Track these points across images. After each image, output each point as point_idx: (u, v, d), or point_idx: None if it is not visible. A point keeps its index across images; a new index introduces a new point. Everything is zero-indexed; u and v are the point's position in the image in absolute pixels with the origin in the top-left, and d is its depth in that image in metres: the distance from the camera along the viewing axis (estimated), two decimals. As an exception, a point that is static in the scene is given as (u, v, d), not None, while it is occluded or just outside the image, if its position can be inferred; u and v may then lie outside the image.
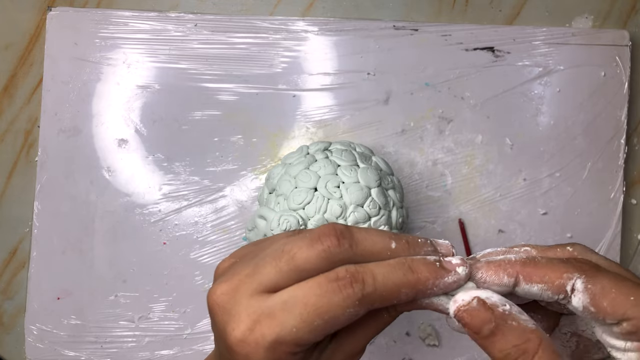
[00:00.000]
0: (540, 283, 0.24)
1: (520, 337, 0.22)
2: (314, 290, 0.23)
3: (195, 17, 0.55)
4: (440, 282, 0.24)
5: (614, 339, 0.24)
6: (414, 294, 0.24)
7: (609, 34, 0.55)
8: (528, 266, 0.24)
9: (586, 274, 0.23)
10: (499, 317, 0.22)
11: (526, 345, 0.22)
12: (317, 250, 0.24)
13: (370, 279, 0.23)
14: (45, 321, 0.53)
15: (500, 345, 0.22)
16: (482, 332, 0.22)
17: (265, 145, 0.55)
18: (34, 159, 0.55)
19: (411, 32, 0.55)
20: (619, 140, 0.55)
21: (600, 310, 0.23)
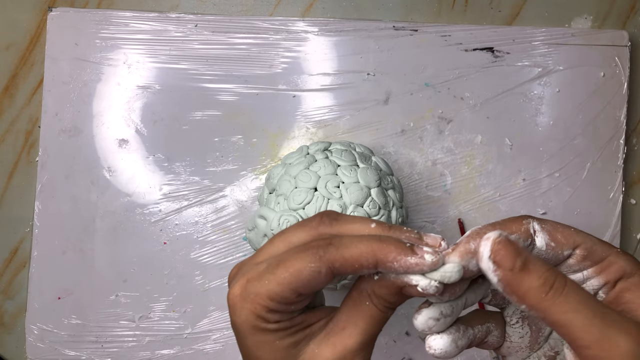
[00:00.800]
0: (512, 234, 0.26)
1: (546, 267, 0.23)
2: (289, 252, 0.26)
3: (196, 18, 0.55)
4: (403, 259, 0.24)
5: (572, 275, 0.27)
6: (375, 261, 0.25)
7: (608, 35, 0.56)
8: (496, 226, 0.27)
9: (536, 219, 0.27)
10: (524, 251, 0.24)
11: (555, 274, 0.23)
12: (304, 228, 0.27)
13: (337, 241, 0.25)
14: (46, 321, 0.53)
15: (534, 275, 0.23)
16: (515, 266, 0.23)
17: (266, 145, 0.55)
18: (35, 159, 0.55)
19: (411, 32, 0.55)
20: (618, 140, 0.55)
21: (558, 242, 0.26)
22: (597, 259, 0.27)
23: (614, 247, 0.27)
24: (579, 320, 0.22)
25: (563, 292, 0.23)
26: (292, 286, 0.25)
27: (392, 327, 0.54)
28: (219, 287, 0.54)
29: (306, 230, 0.27)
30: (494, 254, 0.23)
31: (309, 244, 0.26)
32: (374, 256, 0.25)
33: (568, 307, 0.23)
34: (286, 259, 0.25)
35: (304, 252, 0.25)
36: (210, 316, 0.54)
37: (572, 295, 0.23)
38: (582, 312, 0.22)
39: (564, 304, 0.23)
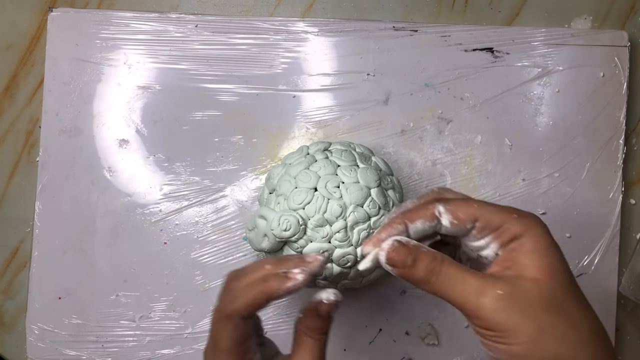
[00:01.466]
0: (420, 219, 0.33)
1: (430, 256, 0.31)
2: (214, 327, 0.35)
3: (196, 18, 0.55)
4: (283, 286, 0.33)
5: (477, 242, 0.33)
6: (266, 297, 0.33)
7: (608, 35, 0.56)
8: (407, 213, 0.33)
9: (442, 201, 0.33)
10: (414, 249, 0.32)
11: (437, 260, 0.31)
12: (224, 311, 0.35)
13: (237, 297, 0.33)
14: (47, 321, 0.54)
15: (421, 267, 0.31)
16: (407, 264, 0.31)
17: (266, 145, 0.55)
18: (35, 159, 0.55)
19: (411, 32, 0.55)
20: (617, 140, 0.55)
21: (460, 220, 0.32)
22: (494, 227, 0.32)
23: (511, 213, 0.32)
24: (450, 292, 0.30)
25: (440, 274, 0.31)
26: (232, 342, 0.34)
27: (392, 327, 0.54)
28: (219, 287, 0.54)
29: None
30: (389, 261, 0.32)
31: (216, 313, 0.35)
32: (263, 294, 0.33)
33: (443, 285, 0.31)
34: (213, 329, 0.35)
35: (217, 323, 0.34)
36: (210, 316, 0.54)
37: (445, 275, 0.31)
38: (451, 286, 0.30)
39: (441, 283, 0.31)
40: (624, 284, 0.55)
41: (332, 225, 0.43)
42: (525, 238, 0.31)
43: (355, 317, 0.54)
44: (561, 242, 0.55)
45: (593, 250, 0.55)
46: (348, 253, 0.44)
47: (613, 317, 0.55)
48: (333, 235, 0.43)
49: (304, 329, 0.34)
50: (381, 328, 0.54)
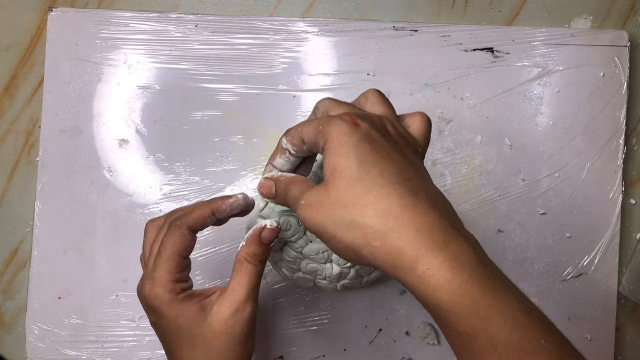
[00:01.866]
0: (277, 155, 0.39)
1: (287, 181, 0.36)
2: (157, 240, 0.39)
3: (196, 18, 0.55)
4: (226, 201, 0.39)
5: None
6: (211, 211, 0.38)
7: (608, 35, 0.56)
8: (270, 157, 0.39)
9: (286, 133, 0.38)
10: (275, 179, 0.37)
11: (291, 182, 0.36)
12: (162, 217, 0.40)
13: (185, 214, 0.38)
14: (46, 320, 0.54)
15: (283, 192, 0.36)
16: (272, 193, 0.37)
17: (266, 145, 0.55)
18: (35, 159, 0.55)
19: (411, 32, 0.55)
20: (617, 140, 0.55)
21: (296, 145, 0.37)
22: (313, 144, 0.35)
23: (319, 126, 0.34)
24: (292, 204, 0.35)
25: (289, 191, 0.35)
26: (176, 254, 0.37)
27: (392, 327, 0.54)
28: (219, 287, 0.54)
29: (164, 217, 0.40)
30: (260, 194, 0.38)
31: (171, 223, 0.38)
32: (209, 208, 0.38)
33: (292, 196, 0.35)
34: (162, 245, 0.37)
35: (168, 231, 0.37)
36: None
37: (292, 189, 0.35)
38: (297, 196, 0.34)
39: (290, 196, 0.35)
40: (624, 284, 0.55)
41: (332, 225, 0.43)
42: (326, 145, 0.33)
43: (355, 317, 0.54)
44: (561, 242, 0.55)
45: (593, 250, 0.55)
46: (348, 253, 0.44)
47: (613, 317, 0.55)
48: (333, 235, 0.43)
49: (244, 255, 0.37)
50: (381, 328, 0.54)
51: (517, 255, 0.55)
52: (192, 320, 0.37)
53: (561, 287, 0.55)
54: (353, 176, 0.31)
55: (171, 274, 0.37)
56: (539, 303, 0.54)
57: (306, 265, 0.45)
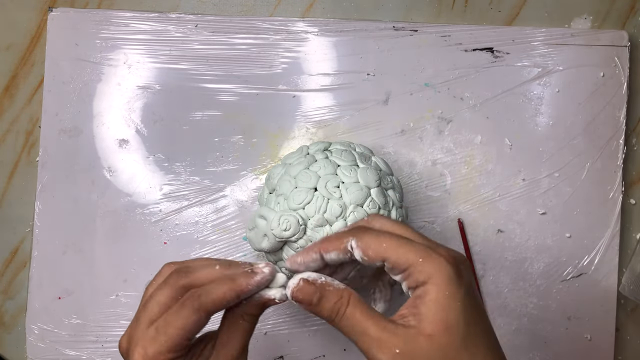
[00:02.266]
0: (334, 250, 0.34)
1: (337, 295, 0.32)
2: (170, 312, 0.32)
3: (196, 18, 0.55)
4: (252, 280, 0.33)
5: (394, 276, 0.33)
6: (236, 294, 0.33)
7: (608, 35, 0.56)
8: (324, 242, 0.34)
9: (356, 236, 0.33)
10: (320, 288, 0.32)
11: (342, 300, 0.32)
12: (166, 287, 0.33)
13: (204, 291, 0.32)
14: (46, 320, 0.54)
15: (327, 306, 0.32)
16: (313, 302, 0.32)
17: (266, 145, 0.55)
18: (35, 159, 0.55)
19: (411, 32, 0.55)
20: (617, 140, 0.55)
21: (369, 257, 0.33)
22: (401, 269, 0.32)
23: (419, 255, 0.31)
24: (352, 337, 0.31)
25: (343, 317, 0.31)
26: (184, 337, 0.32)
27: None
28: (219, 287, 0.54)
29: (170, 287, 0.33)
30: (294, 299, 0.33)
31: (184, 300, 0.32)
32: (233, 291, 0.33)
33: (346, 329, 0.31)
34: (171, 320, 0.32)
35: (182, 308, 0.32)
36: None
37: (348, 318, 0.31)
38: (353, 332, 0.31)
39: (344, 326, 0.32)
40: (624, 284, 0.55)
41: (332, 225, 0.43)
42: (429, 286, 0.31)
43: (355, 317, 0.54)
44: (561, 242, 0.55)
45: (593, 250, 0.55)
46: (348, 253, 0.44)
47: (613, 317, 0.55)
48: (333, 235, 0.43)
49: (241, 313, 0.34)
50: (381, 328, 0.54)
51: (517, 255, 0.55)
52: None
53: (561, 287, 0.55)
54: (462, 335, 0.30)
55: (170, 353, 0.32)
56: (539, 303, 0.54)
57: (306, 265, 0.45)
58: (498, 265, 0.55)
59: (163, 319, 0.32)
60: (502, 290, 0.55)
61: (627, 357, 0.56)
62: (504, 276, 0.55)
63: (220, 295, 0.32)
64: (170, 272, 0.34)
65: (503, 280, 0.55)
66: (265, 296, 0.34)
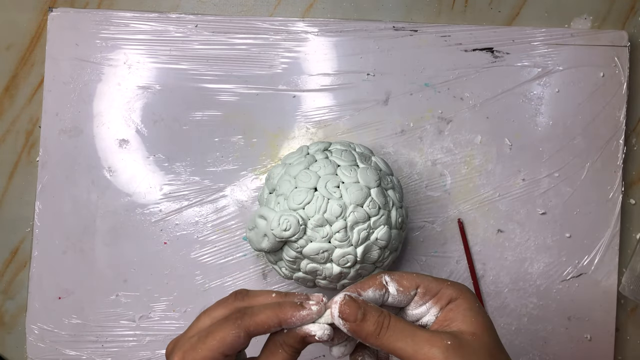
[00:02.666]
0: (370, 287, 0.36)
1: (378, 311, 0.34)
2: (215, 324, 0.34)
3: (196, 18, 0.55)
4: (298, 314, 0.34)
5: (418, 309, 0.36)
6: (279, 321, 0.33)
7: (608, 35, 0.56)
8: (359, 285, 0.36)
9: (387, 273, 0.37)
10: (362, 304, 0.34)
11: (384, 315, 0.34)
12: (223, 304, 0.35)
13: (249, 310, 0.34)
14: (47, 320, 0.54)
15: (372, 320, 0.33)
16: (358, 318, 0.33)
17: (266, 145, 0.55)
18: (35, 159, 0.55)
19: (411, 32, 0.55)
20: (617, 140, 0.55)
21: (404, 287, 0.36)
22: (433, 293, 0.36)
23: (446, 281, 0.36)
24: (400, 344, 0.33)
25: (388, 328, 0.33)
26: (220, 350, 0.33)
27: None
28: (219, 287, 0.54)
29: (225, 306, 0.35)
30: (341, 313, 0.33)
31: (229, 316, 0.34)
32: (277, 317, 0.33)
33: (392, 338, 0.33)
34: (213, 330, 0.33)
35: (225, 322, 0.33)
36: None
37: (393, 329, 0.33)
38: (400, 338, 0.33)
39: (390, 336, 0.33)
40: (624, 284, 0.55)
41: (332, 225, 0.43)
42: (461, 300, 0.35)
43: (355, 317, 0.54)
44: (561, 242, 0.55)
45: (593, 250, 0.55)
46: (348, 253, 0.44)
47: (613, 317, 0.55)
48: (333, 235, 0.43)
49: (281, 342, 0.35)
50: (381, 328, 0.54)
51: (517, 255, 0.55)
52: None
53: (561, 287, 0.55)
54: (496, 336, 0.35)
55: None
56: (539, 303, 0.54)
57: (306, 265, 0.45)
58: (498, 265, 0.55)
59: (206, 330, 0.34)
60: (502, 290, 0.55)
61: (627, 357, 0.56)
62: (504, 276, 0.55)
63: (263, 319, 0.34)
64: (232, 292, 0.37)
65: (503, 280, 0.55)
66: (305, 330, 0.34)
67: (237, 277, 0.54)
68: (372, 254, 0.45)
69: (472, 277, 0.54)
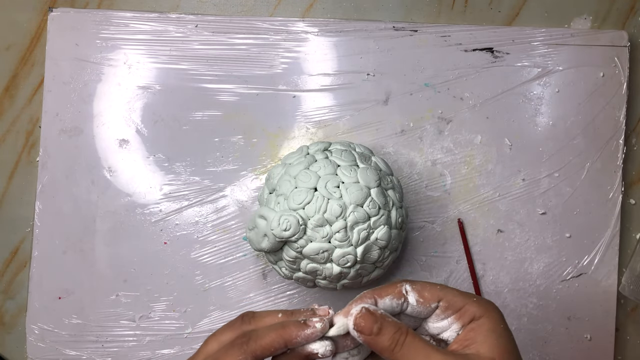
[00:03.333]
0: (388, 295, 0.35)
1: (395, 327, 0.33)
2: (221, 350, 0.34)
3: (196, 18, 0.55)
4: (302, 333, 0.33)
5: (439, 323, 0.35)
6: (284, 342, 0.33)
7: (608, 35, 0.56)
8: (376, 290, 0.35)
9: (408, 282, 0.36)
10: (380, 317, 0.33)
11: (401, 331, 0.33)
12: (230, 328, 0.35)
13: (254, 334, 0.34)
14: (47, 320, 0.54)
15: (387, 335, 0.33)
16: (373, 331, 0.33)
17: (266, 145, 0.55)
18: (36, 159, 0.55)
19: (411, 33, 0.55)
20: (617, 140, 0.55)
21: (425, 298, 0.35)
22: (456, 308, 0.34)
23: (472, 297, 0.35)
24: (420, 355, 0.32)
25: (403, 345, 0.33)
26: None
27: (392, 326, 0.54)
28: (219, 287, 0.54)
29: (232, 330, 0.35)
30: (356, 326, 0.33)
31: (234, 341, 0.34)
32: (282, 339, 0.33)
33: (406, 355, 0.32)
34: (220, 357, 0.33)
35: (232, 348, 0.33)
36: (210, 316, 0.54)
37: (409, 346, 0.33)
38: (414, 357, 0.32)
39: (404, 354, 0.32)
40: (624, 284, 0.55)
41: (332, 225, 0.43)
42: (484, 319, 0.34)
43: (355, 317, 0.54)
44: (561, 242, 0.55)
45: (593, 250, 0.55)
46: (348, 253, 0.44)
47: (613, 317, 0.55)
48: (333, 235, 0.43)
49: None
50: (381, 328, 0.54)
51: (517, 255, 0.55)
52: None
53: (561, 287, 0.55)
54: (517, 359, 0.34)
55: None
56: (539, 303, 0.54)
57: (306, 265, 0.45)
58: (498, 265, 0.55)
59: (213, 356, 0.34)
60: (502, 290, 0.55)
61: (627, 357, 0.56)
62: (504, 276, 0.55)
63: (269, 342, 0.33)
64: (239, 315, 0.36)
65: (503, 280, 0.55)
66: (307, 349, 0.34)
67: (237, 277, 0.54)
68: (372, 254, 0.45)
69: (472, 277, 0.54)
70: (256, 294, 0.54)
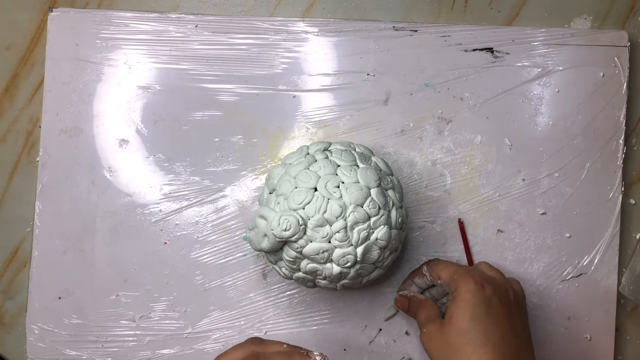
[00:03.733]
0: (417, 276, 0.51)
1: (419, 303, 0.49)
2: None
3: (196, 18, 0.55)
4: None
5: None
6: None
7: (608, 35, 0.56)
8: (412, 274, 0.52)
9: (428, 264, 0.50)
10: (409, 298, 0.50)
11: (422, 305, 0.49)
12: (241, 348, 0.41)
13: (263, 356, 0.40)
14: (47, 320, 0.54)
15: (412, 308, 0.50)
16: (405, 308, 0.51)
17: (266, 145, 0.55)
18: (36, 159, 0.55)
19: (411, 33, 0.55)
20: (617, 140, 0.55)
21: (433, 277, 0.49)
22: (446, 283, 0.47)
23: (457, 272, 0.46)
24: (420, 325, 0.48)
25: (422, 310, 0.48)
26: None
27: (392, 327, 0.54)
28: (219, 287, 0.54)
29: (242, 349, 0.41)
30: (398, 306, 0.52)
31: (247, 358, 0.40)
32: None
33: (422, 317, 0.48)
34: None
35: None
36: (210, 316, 0.54)
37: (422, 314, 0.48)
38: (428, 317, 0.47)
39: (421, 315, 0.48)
40: (623, 284, 0.55)
41: (332, 225, 0.43)
42: (455, 293, 0.45)
43: (355, 317, 0.54)
44: (561, 242, 0.55)
45: (593, 250, 0.55)
46: (348, 253, 0.44)
47: (613, 317, 0.55)
48: (333, 235, 0.43)
49: None
50: (381, 328, 0.54)
51: (517, 255, 0.55)
52: None
53: (561, 287, 0.55)
54: (463, 328, 0.42)
55: None
56: (539, 303, 0.54)
57: (306, 265, 0.45)
58: (498, 266, 0.55)
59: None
60: (502, 290, 0.55)
61: (627, 357, 0.56)
62: (504, 276, 0.55)
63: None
64: (248, 339, 0.42)
65: (503, 280, 0.55)
66: None
67: (237, 277, 0.54)
68: (372, 254, 0.45)
69: (472, 277, 0.54)
70: (256, 294, 0.54)
